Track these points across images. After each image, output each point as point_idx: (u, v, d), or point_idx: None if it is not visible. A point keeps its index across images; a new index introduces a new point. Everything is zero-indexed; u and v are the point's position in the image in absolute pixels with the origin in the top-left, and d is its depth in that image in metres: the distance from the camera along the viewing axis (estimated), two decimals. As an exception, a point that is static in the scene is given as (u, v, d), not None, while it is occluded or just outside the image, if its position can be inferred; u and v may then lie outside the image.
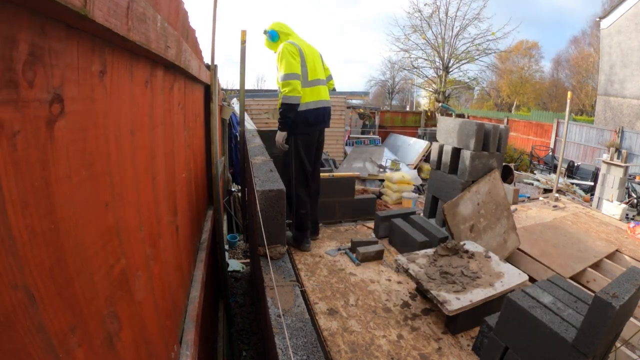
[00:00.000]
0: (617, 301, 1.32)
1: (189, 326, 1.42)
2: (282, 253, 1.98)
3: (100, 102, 0.66)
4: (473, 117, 17.09)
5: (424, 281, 2.39)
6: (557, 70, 30.55)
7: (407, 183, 7.49)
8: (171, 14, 1.21)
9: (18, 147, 0.45)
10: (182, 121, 1.62)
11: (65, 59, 0.53)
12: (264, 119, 10.69)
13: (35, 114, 0.48)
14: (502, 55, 23.34)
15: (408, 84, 28.36)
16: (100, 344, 0.65)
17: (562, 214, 4.70)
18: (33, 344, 0.47)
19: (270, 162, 2.66)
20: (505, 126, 3.51)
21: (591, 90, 23.40)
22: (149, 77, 0.96)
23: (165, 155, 1.23)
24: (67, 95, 0.54)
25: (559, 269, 3.25)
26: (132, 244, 0.83)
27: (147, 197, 0.98)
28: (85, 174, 0.61)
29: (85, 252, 0.61)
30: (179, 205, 1.52)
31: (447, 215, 3.09)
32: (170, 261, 1.28)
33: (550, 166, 11.45)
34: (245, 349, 3.29)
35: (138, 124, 0.88)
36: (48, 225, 0.51)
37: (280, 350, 1.27)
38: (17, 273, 0.45)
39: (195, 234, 2.13)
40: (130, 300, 0.81)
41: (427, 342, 2.20)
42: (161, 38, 0.90)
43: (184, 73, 1.51)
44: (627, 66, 13.42)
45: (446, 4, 19.95)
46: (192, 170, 2.05)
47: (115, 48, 0.71)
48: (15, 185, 0.45)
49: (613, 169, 6.80)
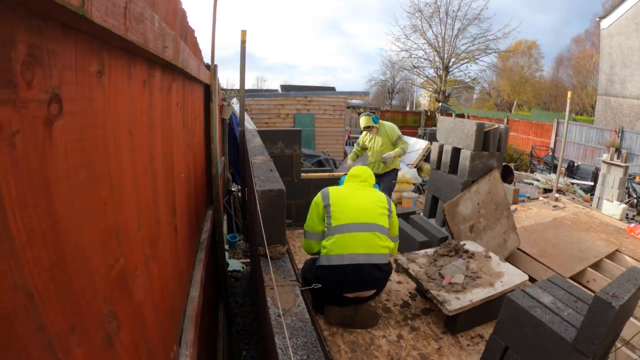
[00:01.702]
0: (617, 301, 1.32)
1: (188, 326, 1.42)
2: (282, 253, 1.98)
3: (99, 102, 0.66)
4: (473, 117, 17.09)
5: (424, 281, 2.39)
6: (557, 70, 30.59)
7: (406, 182, 7.49)
8: (169, 14, 1.22)
9: (17, 147, 0.45)
10: (181, 121, 1.62)
11: (63, 59, 0.53)
12: (264, 119, 10.70)
13: (34, 114, 0.48)
14: (502, 54, 23.36)
15: (408, 84, 28.40)
16: (99, 343, 0.66)
17: (562, 214, 4.70)
18: (33, 344, 0.47)
19: (270, 162, 2.66)
20: (505, 126, 3.51)
21: (592, 90, 23.39)
22: (147, 77, 0.97)
23: (164, 155, 1.23)
24: (65, 95, 0.54)
25: (558, 268, 3.25)
26: (130, 243, 0.83)
27: (146, 197, 0.98)
28: (84, 174, 0.61)
29: (84, 252, 0.61)
30: (178, 205, 1.52)
31: (447, 215, 3.09)
32: (169, 261, 1.28)
33: (550, 166, 11.45)
34: (245, 348, 3.29)
35: (136, 124, 0.88)
36: (47, 225, 0.51)
37: (280, 350, 1.27)
38: (16, 273, 0.45)
39: (195, 234, 2.13)
40: (129, 300, 0.81)
41: (427, 342, 2.21)
42: (159, 38, 0.90)
43: (183, 73, 1.52)
44: (627, 66, 13.42)
45: (447, 3, 19.98)
46: (192, 170, 2.06)
47: (113, 48, 0.71)
48: (15, 185, 0.45)
49: (613, 169, 6.80)
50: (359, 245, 2.19)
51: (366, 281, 2.24)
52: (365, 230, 2.22)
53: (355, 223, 2.23)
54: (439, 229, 3.46)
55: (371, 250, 2.21)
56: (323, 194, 2.38)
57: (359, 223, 2.23)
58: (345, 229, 2.22)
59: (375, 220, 2.27)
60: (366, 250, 2.20)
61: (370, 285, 2.29)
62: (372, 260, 2.21)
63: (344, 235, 2.20)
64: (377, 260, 2.23)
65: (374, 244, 2.22)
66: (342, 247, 2.19)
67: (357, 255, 2.19)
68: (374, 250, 2.21)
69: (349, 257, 2.18)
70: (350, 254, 2.19)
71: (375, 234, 2.23)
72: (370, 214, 2.28)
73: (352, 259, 2.18)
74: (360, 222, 2.24)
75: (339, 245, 2.19)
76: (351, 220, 2.23)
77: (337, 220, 2.24)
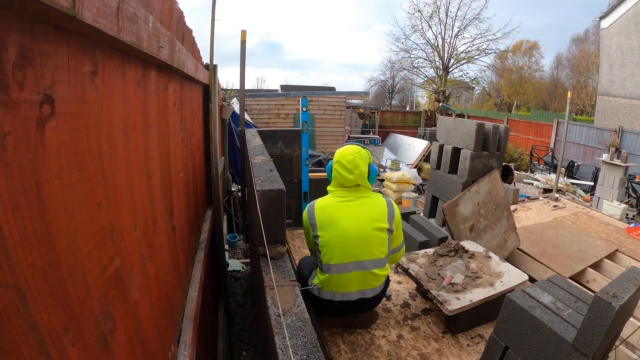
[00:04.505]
0: (617, 301, 1.32)
1: (187, 326, 1.42)
2: (282, 253, 1.98)
3: (92, 102, 0.66)
4: (473, 117, 17.07)
5: (424, 281, 2.39)
6: (557, 70, 30.55)
7: (407, 182, 7.50)
8: (164, 14, 1.22)
9: (8, 148, 0.45)
10: (178, 121, 1.62)
11: (56, 60, 0.53)
12: (264, 119, 10.71)
13: (26, 115, 0.48)
14: (502, 54, 23.37)
15: (408, 84, 28.40)
16: (94, 343, 0.66)
17: (562, 214, 4.69)
18: (25, 343, 0.48)
19: (270, 162, 2.66)
20: (505, 126, 3.51)
21: (592, 90, 23.36)
22: (141, 78, 0.97)
23: (161, 156, 1.23)
24: (57, 96, 0.54)
25: (559, 269, 3.24)
26: (126, 244, 0.83)
27: (141, 198, 0.98)
28: (77, 174, 0.61)
29: (78, 252, 0.61)
30: (176, 205, 1.52)
31: (447, 215, 3.09)
32: (167, 261, 1.28)
33: (550, 166, 11.43)
34: (245, 349, 3.29)
35: (131, 125, 0.88)
36: (40, 226, 0.52)
37: (280, 350, 1.27)
38: (8, 273, 0.45)
39: (194, 234, 2.13)
40: (125, 300, 0.81)
41: (427, 342, 2.20)
42: (153, 38, 0.90)
43: (179, 73, 1.52)
44: (627, 66, 13.39)
45: (446, 3, 19.99)
46: (190, 170, 2.06)
47: (106, 49, 0.71)
48: (6, 187, 0.45)
49: (613, 169, 6.79)
50: (351, 284, 2.05)
51: (363, 307, 2.17)
52: (358, 269, 2.02)
53: (346, 263, 2.00)
54: (439, 229, 3.45)
55: (365, 287, 2.08)
56: (309, 215, 2.08)
57: (350, 263, 2.01)
58: (335, 269, 2.01)
59: (370, 253, 2.02)
60: (360, 287, 2.07)
61: (368, 308, 2.22)
62: (366, 296, 2.09)
63: (334, 276, 2.03)
64: (372, 294, 2.11)
65: (368, 281, 2.07)
66: (333, 286, 2.06)
67: (349, 294, 2.07)
68: (368, 286, 2.08)
69: (340, 295, 2.08)
70: (342, 292, 2.07)
71: (370, 272, 2.04)
72: (365, 245, 2.01)
73: (344, 297, 2.08)
74: (351, 261, 2.00)
75: (330, 284, 2.06)
76: (342, 260, 2.00)
77: (326, 258, 2.02)
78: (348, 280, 2.04)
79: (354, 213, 2.04)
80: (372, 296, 2.12)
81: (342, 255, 2.00)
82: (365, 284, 2.07)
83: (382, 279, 2.11)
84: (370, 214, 2.05)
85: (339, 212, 2.04)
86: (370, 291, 2.10)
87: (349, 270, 2.02)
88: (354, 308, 2.14)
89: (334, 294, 2.08)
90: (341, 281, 2.04)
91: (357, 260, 2.01)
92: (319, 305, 2.20)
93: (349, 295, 2.07)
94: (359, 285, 2.06)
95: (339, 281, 2.04)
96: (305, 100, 4.67)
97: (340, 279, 2.03)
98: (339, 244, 2.00)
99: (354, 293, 2.07)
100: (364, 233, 2.01)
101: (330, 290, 2.07)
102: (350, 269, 2.02)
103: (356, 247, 2.00)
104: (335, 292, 2.07)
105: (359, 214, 2.04)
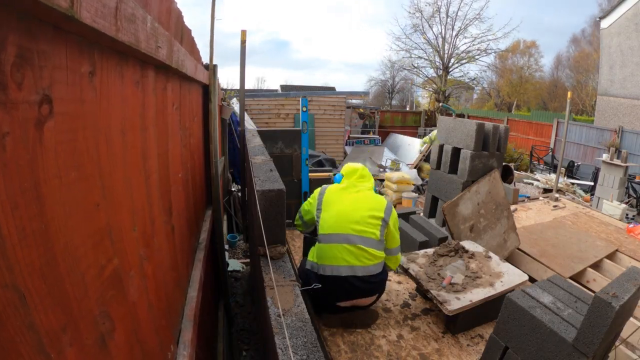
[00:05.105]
0: (617, 301, 1.32)
1: (186, 326, 1.42)
2: (282, 253, 1.98)
3: (90, 103, 0.66)
4: (473, 117, 17.06)
5: (424, 281, 2.39)
6: (557, 70, 30.54)
7: (407, 183, 7.49)
8: (162, 14, 1.22)
9: (7, 148, 0.45)
10: (177, 121, 1.62)
11: (54, 60, 0.53)
12: (264, 119, 10.71)
13: (24, 116, 0.48)
14: (502, 54, 23.36)
15: (408, 83, 28.39)
16: (92, 343, 0.66)
17: (562, 214, 4.69)
18: (24, 343, 0.48)
19: (270, 162, 2.66)
20: (505, 126, 3.51)
21: (592, 90, 23.35)
22: (139, 78, 0.97)
23: (159, 156, 1.23)
24: (56, 96, 0.54)
25: (559, 269, 3.24)
26: (124, 244, 0.83)
27: (140, 198, 0.98)
28: (75, 174, 0.61)
29: (76, 252, 0.61)
30: (175, 205, 1.52)
31: (447, 215, 3.09)
32: (166, 261, 1.28)
33: (550, 166, 11.43)
34: (245, 349, 3.29)
35: (129, 125, 0.88)
36: (38, 226, 0.52)
37: (280, 350, 1.28)
38: (6, 273, 0.45)
39: (193, 234, 2.13)
40: (123, 300, 0.81)
41: (427, 342, 2.20)
42: (151, 38, 0.90)
43: (178, 73, 1.51)
44: (627, 66, 13.39)
45: (447, 3, 20.00)
46: (190, 170, 2.06)
47: (104, 49, 0.71)
48: (4, 187, 0.45)
49: (613, 169, 6.79)
50: (341, 257, 2.10)
51: (359, 289, 2.16)
52: (346, 242, 2.11)
53: (337, 233, 2.12)
54: (439, 229, 3.45)
55: (355, 263, 2.10)
56: (321, 192, 2.34)
57: (341, 234, 2.11)
58: (326, 239, 2.14)
59: (361, 231, 2.12)
60: (350, 262, 2.10)
61: (365, 293, 2.21)
62: (356, 273, 2.11)
63: (325, 245, 2.14)
64: (363, 272, 2.12)
65: (358, 257, 2.11)
66: (323, 258, 2.14)
67: (338, 268, 2.11)
68: (358, 262, 2.11)
69: (330, 269, 2.12)
70: (332, 265, 2.12)
71: (358, 246, 2.10)
72: (358, 224, 2.12)
73: (333, 271, 2.12)
74: (342, 232, 2.11)
75: (321, 255, 2.15)
76: (333, 230, 2.13)
77: (322, 229, 2.18)
78: (337, 252, 2.12)
79: (355, 199, 2.25)
80: (363, 275, 2.12)
81: (333, 226, 2.15)
82: (355, 260, 2.11)
83: (374, 259, 2.15)
84: (369, 204, 2.23)
85: (344, 196, 2.27)
86: (360, 269, 2.12)
87: (338, 242, 2.13)
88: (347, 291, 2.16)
89: (324, 268, 2.15)
90: (331, 253, 2.13)
91: (346, 233, 2.13)
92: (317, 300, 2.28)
93: (338, 270, 2.12)
94: (349, 260, 2.12)
95: (330, 253, 2.14)
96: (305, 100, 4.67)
97: (331, 250, 2.13)
98: (334, 218, 2.17)
99: (344, 268, 2.12)
100: (359, 215, 2.17)
101: (322, 263, 2.16)
102: (339, 240, 2.13)
103: (348, 223, 2.14)
104: (326, 266, 2.14)
105: (360, 202, 2.24)
